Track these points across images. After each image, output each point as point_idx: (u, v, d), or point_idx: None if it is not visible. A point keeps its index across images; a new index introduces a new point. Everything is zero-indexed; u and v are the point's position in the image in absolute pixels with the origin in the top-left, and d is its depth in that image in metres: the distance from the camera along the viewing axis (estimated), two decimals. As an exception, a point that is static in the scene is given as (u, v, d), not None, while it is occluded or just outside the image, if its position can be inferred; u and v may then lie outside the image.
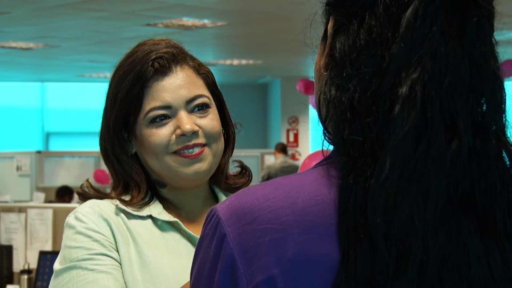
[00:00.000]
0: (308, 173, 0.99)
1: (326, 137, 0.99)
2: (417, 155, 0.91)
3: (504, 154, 0.96)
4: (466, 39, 0.94)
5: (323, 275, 0.91)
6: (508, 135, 0.98)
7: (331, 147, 1.00)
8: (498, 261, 0.93)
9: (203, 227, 1.00)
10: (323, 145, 0.99)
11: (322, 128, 1.00)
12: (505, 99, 0.97)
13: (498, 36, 0.99)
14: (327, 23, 1.04)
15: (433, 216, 0.91)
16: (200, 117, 1.53)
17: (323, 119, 1.00)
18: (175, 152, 1.51)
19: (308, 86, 11.00)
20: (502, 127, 0.97)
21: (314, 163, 1.02)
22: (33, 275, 3.85)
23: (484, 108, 0.95)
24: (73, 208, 1.52)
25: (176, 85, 1.52)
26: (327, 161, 0.99)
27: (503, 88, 0.97)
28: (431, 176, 0.91)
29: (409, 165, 0.91)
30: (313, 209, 0.94)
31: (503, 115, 0.97)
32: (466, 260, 0.92)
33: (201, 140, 1.51)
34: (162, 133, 1.50)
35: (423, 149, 0.91)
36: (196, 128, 1.51)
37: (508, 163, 0.96)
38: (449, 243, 0.91)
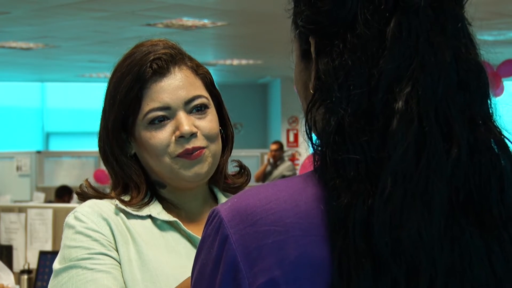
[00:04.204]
0: (310, 175, 0.98)
1: (316, 153, 0.97)
2: (419, 169, 0.90)
3: (493, 143, 0.95)
4: (450, 37, 0.94)
5: (326, 278, 0.91)
6: (497, 123, 0.97)
7: None
8: (499, 255, 0.93)
9: (204, 227, 0.99)
10: (315, 154, 0.97)
11: (311, 144, 0.98)
12: (488, 85, 0.97)
13: (498, 36, 0.99)
14: (305, 42, 1.02)
15: (438, 227, 0.90)
16: (199, 119, 1.53)
17: (311, 140, 0.98)
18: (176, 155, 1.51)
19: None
20: (488, 115, 0.97)
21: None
22: (33, 275, 3.85)
23: (471, 99, 0.94)
24: (73, 208, 1.53)
25: (175, 86, 1.52)
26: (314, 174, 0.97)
27: (486, 75, 0.97)
28: (434, 189, 0.90)
29: (412, 181, 0.90)
30: (316, 211, 0.94)
31: (489, 103, 0.97)
32: (469, 263, 0.92)
33: (199, 143, 1.51)
34: (162, 136, 1.50)
35: (425, 162, 0.90)
36: (195, 129, 1.51)
37: (497, 151, 0.95)
38: (453, 251, 0.91)
